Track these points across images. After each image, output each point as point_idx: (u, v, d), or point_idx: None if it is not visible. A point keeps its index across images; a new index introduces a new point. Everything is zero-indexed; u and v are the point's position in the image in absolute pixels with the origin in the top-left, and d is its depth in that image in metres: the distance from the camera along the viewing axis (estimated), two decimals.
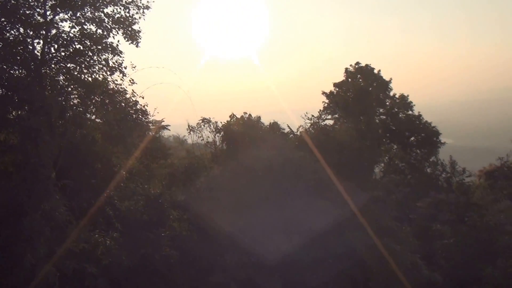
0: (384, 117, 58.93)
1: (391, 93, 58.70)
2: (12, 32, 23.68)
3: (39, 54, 24.39)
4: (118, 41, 26.16)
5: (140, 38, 26.93)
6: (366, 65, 57.84)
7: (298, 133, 42.28)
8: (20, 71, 23.99)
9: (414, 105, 58.89)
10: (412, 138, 58.84)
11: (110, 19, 26.00)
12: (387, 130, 58.24)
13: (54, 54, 24.85)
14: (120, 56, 26.48)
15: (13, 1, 23.35)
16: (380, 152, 56.07)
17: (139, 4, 26.43)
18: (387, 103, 58.75)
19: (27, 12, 23.83)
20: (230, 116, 36.14)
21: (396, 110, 58.57)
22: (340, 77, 58.25)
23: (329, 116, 56.92)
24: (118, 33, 26.25)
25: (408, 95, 58.83)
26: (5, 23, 23.24)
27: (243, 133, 35.31)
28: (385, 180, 54.33)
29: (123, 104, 27.20)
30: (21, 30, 23.92)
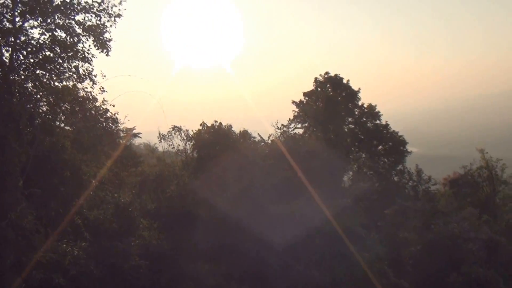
0: (352, 126, 60.13)
1: (360, 103, 59.92)
2: None
3: (7, 60, 24.09)
4: (89, 47, 26.03)
5: (111, 47, 26.86)
6: (335, 75, 59.01)
7: (269, 141, 42.75)
8: None
9: (382, 114, 60.36)
10: (380, 147, 60.20)
11: (81, 27, 25.93)
12: (355, 139, 59.46)
13: (23, 61, 24.61)
14: (90, 64, 26.46)
15: None
16: (348, 161, 57.20)
17: (111, 12, 26.43)
18: (356, 113, 59.97)
19: None
20: (200, 125, 36.31)
21: (364, 119, 59.86)
22: (311, 86, 59.20)
23: (299, 125, 57.72)
24: (88, 40, 26.16)
25: (376, 105, 60.29)
26: None
27: (213, 142, 35.52)
28: (354, 188, 55.30)
29: (93, 112, 27.13)
30: None
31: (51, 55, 25.32)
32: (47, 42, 25.20)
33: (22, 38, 24.71)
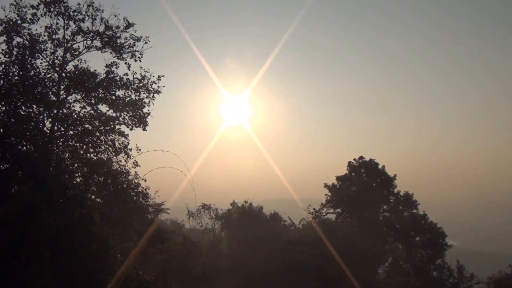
0: (388, 214, 59.06)
1: (395, 190, 59.32)
2: (26, 109, 25.11)
3: (48, 131, 25.68)
4: (127, 122, 27.48)
5: (148, 123, 28.29)
6: (370, 159, 59.08)
7: (300, 226, 42.58)
8: (28, 146, 25.09)
9: (419, 203, 59.35)
10: (417, 238, 58.57)
11: (121, 102, 27.60)
12: (391, 228, 58.13)
13: (63, 133, 26.15)
14: (126, 138, 27.84)
15: (30, 80, 25.13)
16: (384, 251, 55.82)
17: (150, 88, 28.12)
18: (391, 200, 59.18)
19: (42, 91, 25.47)
20: (231, 204, 36.81)
21: (400, 208, 58.89)
22: (343, 169, 59.39)
23: (331, 210, 57.25)
24: (127, 115, 27.70)
25: (413, 193, 59.44)
26: (20, 100, 24.76)
27: (243, 223, 35.75)
28: (390, 282, 53.53)
29: (125, 186, 28.03)
30: (34, 107, 25.40)
31: (90, 128, 26.81)
32: (87, 115, 26.91)
33: (64, 111, 26.50)
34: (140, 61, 27.64)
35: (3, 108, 24.57)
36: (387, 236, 57.59)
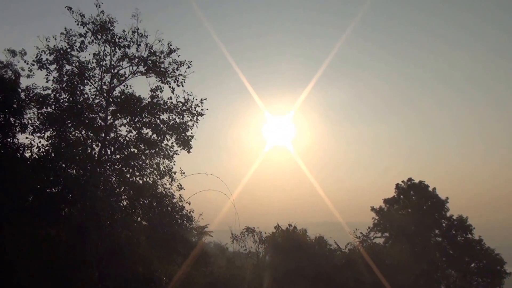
0: (440, 239, 57.64)
1: (448, 213, 57.92)
2: (75, 134, 26.60)
3: (96, 155, 27.01)
4: (172, 145, 28.50)
5: (192, 146, 29.22)
6: (420, 181, 58.10)
7: (346, 250, 42.27)
8: (77, 170, 26.46)
9: (474, 228, 57.67)
10: (473, 265, 56.79)
11: (165, 125, 28.70)
12: (444, 253, 56.68)
13: (110, 156, 27.41)
14: (171, 161, 28.81)
15: (79, 106, 26.67)
16: (437, 278, 54.41)
17: (193, 111, 29.14)
18: (444, 224, 57.79)
19: (91, 116, 26.92)
20: (275, 228, 37.09)
21: (453, 232, 57.38)
22: (389, 191, 58.61)
23: (379, 234, 56.44)
24: (171, 138, 28.74)
25: (467, 217, 57.87)
26: (69, 125, 26.28)
27: (287, 247, 35.87)
28: None
29: (170, 209, 28.85)
30: (83, 132, 26.86)
31: (136, 151, 27.95)
32: (133, 139, 28.12)
33: (112, 135, 27.80)
34: (183, 85, 28.77)
35: (54, 133, 26.17)
36: (440, 262, 56.16)
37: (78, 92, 27.31)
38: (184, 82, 28.85)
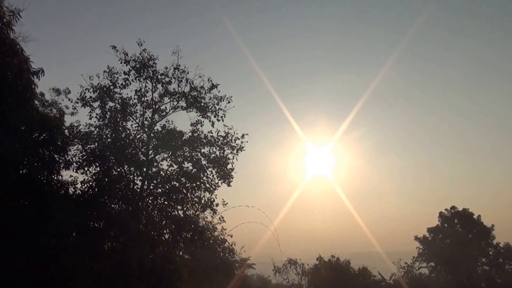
0: (487, 268, 54.82)
1: (494, 241, 55.21)
2: (118, 169, 26.37)
3: (138, 190, 26.67)
4: (213, 178, 27.96)
5: (233, 178, 28.62)
6: (464, 209, 55.82)
7: (391, 281, 40.40)
8: (120, 205, 26.15)
9: None
10: None
11: (206, 159, 28.26)
12: (492, 283, 53.67)
13: (152, 191, 27.04)
14: (212, 194, 28.22)
15: (121, 141, 26.52)
16: None
17: (233, 145, 28.65)
18: (490, 253, 55.02)
19: (133, 151, 26.72)
20: (317, 259, 35.83)
21: (501, 260, 54.51)
22: (434, 220, 56.47)
23: (424, 264, 54.11)
24: (212, 172, 28.24)
25: None
26: (113, 161, 26.10)
27: (331, 279, 34.52)
28: None
29: (211, 241, 28.17)
30: (125, 167, 26.61)
31: (177, 185, 27.50)
32: (174, 173, 27.71)
33: (153, 170, 27.47)
34: (223, 120, 28.40)
35: (98, 169, 26.01)
36: None
37: (120, 128, 27.26)
38: (225, 117, 28.52)
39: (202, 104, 28.28)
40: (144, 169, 27.01)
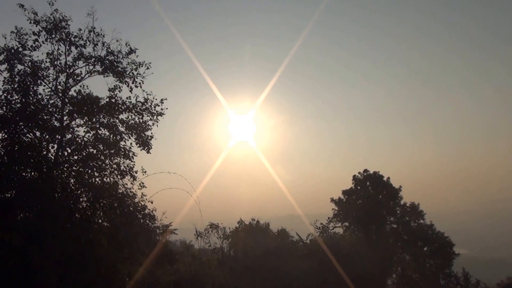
0: (395, 226, 58.07)
1: (402, 201, 58.38)
2: (29, 135, 24.53)
3: (52, 157, 25.06)
4: (131, 144, 26.91)
5: (152, 145, 27.67)
6: (375, 172, 58.28)
7: (308, 241, 41.67)
8: (32, 173, 24.49)
9: (425, 213, 58.34)
10: (425, 248, 57.44)
11: (124, 125, 27.06)
12: (398, 239, 57.10)
13: (67, 158, 25.52)
14: (132, 161, 27.17)
15: (32, 107, 24.61)
16: (392, 263, 54.70)
17: (153, 111, 27.58)
18: (398, 212, 58.22)
19: (45, 117, 24.93)
20: (238, 222, 36.05)
21: (407, 219, 57.87)
22: (349, 182, 58.62)
23: (339, 224, 56.32)
24: (130, 138, 27.13)
25: (419, 203, 58.48)
26: (22, 127, 24.21)
27: (251, 240, 34.94)
28: None
29: (131, 208, 27.28)
30: (37, 134, 24.83)
31: (94, 152, 26.17)
32: (91, 140, 26.29)
33: (68, 136, 25.89)
34: (141, 86, 27.13)
35: (6, 135, 24.04)
36: (395, 247, 56.61)
37: (31, 92, 25.16)
38: (143, 83, 27.22)
39: (120, 69, 26.77)
40: (58, 136, 25.31)
